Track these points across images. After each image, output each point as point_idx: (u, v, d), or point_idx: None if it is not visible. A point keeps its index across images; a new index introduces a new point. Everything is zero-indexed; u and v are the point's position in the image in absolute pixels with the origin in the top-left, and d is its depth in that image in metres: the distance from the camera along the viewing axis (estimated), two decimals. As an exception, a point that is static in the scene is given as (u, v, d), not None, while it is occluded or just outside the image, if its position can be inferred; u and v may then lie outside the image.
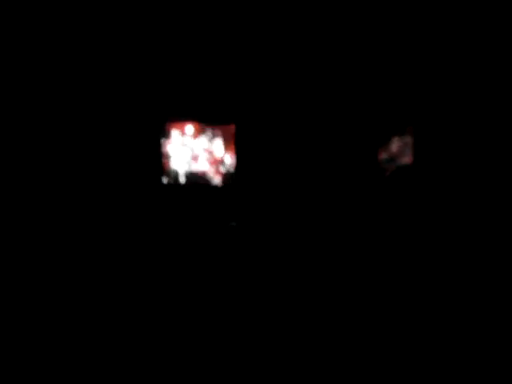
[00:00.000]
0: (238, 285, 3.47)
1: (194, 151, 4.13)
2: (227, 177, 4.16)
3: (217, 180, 4.17)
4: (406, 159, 4.02)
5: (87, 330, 2.69)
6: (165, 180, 4.12)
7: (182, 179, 4.14)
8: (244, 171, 4.19)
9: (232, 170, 4.15)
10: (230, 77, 4.08)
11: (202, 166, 4.16)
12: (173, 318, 2.90)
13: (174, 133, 4.10)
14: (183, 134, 4.11)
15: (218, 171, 4.16)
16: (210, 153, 4.14)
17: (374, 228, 4.09)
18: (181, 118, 4.12)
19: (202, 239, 3.99)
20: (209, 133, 4.10)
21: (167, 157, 4.12)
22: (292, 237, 4.05)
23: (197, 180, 4.15)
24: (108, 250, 3.75)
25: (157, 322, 2.82)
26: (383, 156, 4.23)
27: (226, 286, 3.47)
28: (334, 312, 3.02)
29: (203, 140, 4.11)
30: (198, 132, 4.10)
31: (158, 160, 4.10)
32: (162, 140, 4.10)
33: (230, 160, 4.15)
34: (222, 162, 4.15)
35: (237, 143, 4.15)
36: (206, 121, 4.13)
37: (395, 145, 4.14)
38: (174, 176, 4.14)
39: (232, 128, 4.14)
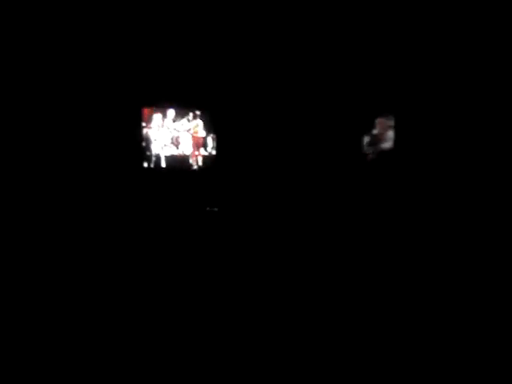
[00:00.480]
0: (219, 271, 3.48)
1: (175, 134, 4.15)
2: (209, 160, 4.21)
3: (198, 163, 4.21)
4: (388, 144, 4.10)
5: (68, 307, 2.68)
6: (145, 164, 4.11)
7: (163, 163, 4.15)
8: (225, 155, 4.24)
9: (213, 153, 4.20)
10: (207, 61, 4.08)
11: (184, 149, 4.19)
12: (152, 304, 2.88)
13: (155, 116, 4.09)
14: (164, 117, 4.11)
15: (199, 154, 4.21)
16: (192, 136, 4.17)
17: (357, 211, 4.16)
18: (159, 102, 4.10)
19: (182, 224, 4.01)
20: (190, 116, 4.13)
21: (148, 141, 4.11)
22: (273, 221, 4.14)
23: (178, 164, 4.17)
24: (88, 235, 3.71)
25: (136, 308, 2.80)
26: (365, 140, 4.30)
27: (207, 272, 3.49)
28: (319, 299, 2.98)
29: (185, 123, 4.13)
30: (180, 115, 4.12)
31: (138, 144, 4.09)
32: (142, 124, 4.07)
33: (211, 142, 4.20)
34: (203, 144, 4.20)
35: (216, 127, 4.20)
36: (185, 106, 4.14)
37: (377, 130, 4.22)
38: (155, 160, 4.14)
39: (212, 112, 4.18)
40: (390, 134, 4.15)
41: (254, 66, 4.14)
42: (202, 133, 4.16)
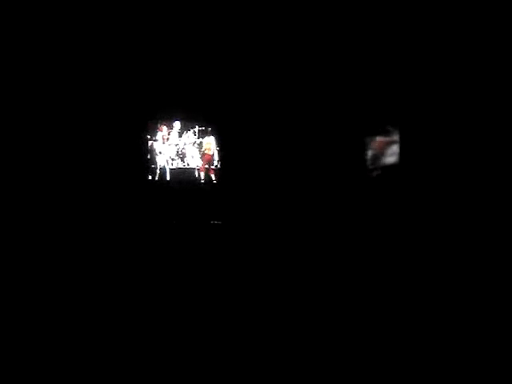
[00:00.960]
0: (223, 282, 3.47)
1: (180, 147, 4.14)
2: (214, 174, 4.19)
3: (204, 177, 4.19)
4: (392, 159, 4.08)
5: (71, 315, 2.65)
6: (150, 177, 4.09)
7: (168, 176, 4.13)
8: (230, 170, 4.23)
9: (218, 166, 4.19)
10: (214, 75, 4.10)
11: (189, 162, 4.17)
12: (156, 314, 2.88)
13: (161, 129, 4.09)
14: (170, 129, 4.11)
15: (205, 168, 4.19)
16: (198, 149, 4.17)
17: (361, 226, 4.11)
18: (165, 117, 4.11)
19: (186, 237, 3.97)
20: (196, 129, 4.13)
21: (152, 153, 4.10)
22: (278, 236, 4.10)
23: (183, 177, 4.15)
24: (92, 246, 3.66)
25: (140, 316, 2.81)
26: (369, 155, 4.29)
27: (211, 282, 3.46)
28: (322, 309, 3.01)
29: (191, 136, 4.13)
30: (186, 128, 4.12)
31: (143, 157, 4.07)
32: (148, 137, 4.07)
33: (217, 156, 4.19)
34: (210, 158, 4.18)
35: (221, 142, 4.20)
36: (191, 121, 4.15)
37: (381, 144, 4.20)
38: (160, 173, 4.11)
39: (216, 128, 4.19)
40: (395, 148, 4.14)
41: (261, 81, 4.17)
42: (208, 146, 4.15)
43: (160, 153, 4.11)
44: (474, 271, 3.26)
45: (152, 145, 4.08)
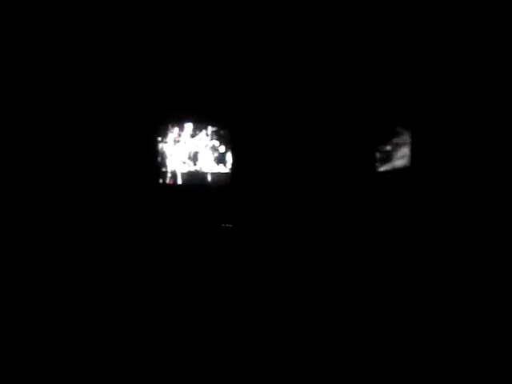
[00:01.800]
0: (234, 285, 3.43)
1: (192, 150, 4.01)
2: (226, 177, 4.08)
3: (215, 179, 4.07)
4: (403, 161, 4.05)
5: (83, 326, 2.60)
6: (162, 180, 3.95)
7: (180, 179, 4.00)
8: (241, 172, 4.13)
9: (230, 169, 4.08)
10: (225, 78, 4.01)
11: (201, 165, 4.05)
12: (167, 317, 2.85)
13: (172, 131, 3.96)
14: (182, 132, 3.98)
15: (217, 170, 4.07)
16: (210, 151, 4.05)
17: (371, 230, 4.10)
18: (177, 119, 3.98)
19: (198, 240, 3.87)
20: (208, 131, 4.01)
21: (165, 156, 3.96)
22: (288, 239, 4.05)
23: (195, 180, 4.03)
24: (104, 250, 3.54)
25: (152, 320, 2.78)
26: (380, 158, 4.26)
27: (222, 286, 3.41)
28: (331, 311, 3.03)
29: (203, 138, 4.01)
30: (198, 129, 4.00)
31: (154, 160, 3.93)
32: (159, 140, 3.93)
33: (229, 158, 4.08)
34: (222, 160, 4.07)
35: (233, 145, 4.09)
36: (202, 122, 4.02)
37: (392, 147, 4.18)
38: (171, 176, 3.98)
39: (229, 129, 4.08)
40: (405, 150, 4.14)
41: (274, 82, 4.10)
42: (221, 148, 4.04)
43: (171, 155, 3.97)
44: (481, 271, 3.31)
45: (162, 147, 3.94)
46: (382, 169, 4.30)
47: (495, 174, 3.57)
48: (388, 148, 4.26)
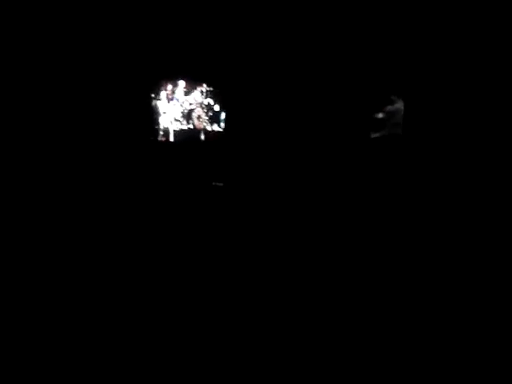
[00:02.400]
0: (224, 244, 3.42)
1: (186, 107, 3.92)
2: (219, 135, 4.02)
3: (208, 138, 4.01)
4: (396, 129, 4.07)
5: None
6: (154, 137, 3.87)
7: (172, 137, 3.92)
8: (234, 132, 4.07)
9: (224, 128, 4.01)
10: (219, 36, 3.88)
11: (194, 123, 3.97)
12: (156, 276, 2.84)
13: (166, 88, 3.85)
14: (175, 88, 3.87)
15: (210, 129, 4.00)
16: (204, 110, 3.97)
17: (363, 196, 4.13)
18: (170, 75, 3.86)
19: (189, 198, 3.84)
20: (203, 89, 3.92)
21: (157, 113, 3.86)
22: (278, 201, 4.05)
23: (187, 138, 3.96)
24: (95, 207, 3.50)
25: (140, 279, 2.77)
26: (373, 125, 4.23)
27: (212, 245, 3.40)
28: (319, 275, 3.03)
29: (197, 95, 3.92)
30: (192, 87, 3.90)
31: (147, 117, 3.83)
32: (152, 97, 3.82)
33: (223, 116, 4.00)
34: (216, 119, 3.99)
35: (226, 104, 4.01)
36: (196, 80, 3.92)
37: (385, 115, 4.17)
38: (163, 134, 3.90)
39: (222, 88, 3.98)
40: (399, 118, 4.14)
41: (266, 44, 4.00)
42: (215, 106, 3.96)
43: (164, 113, 3.88)
44: (473, 237, 3.38)
45: (155, 104, 3.84)
46: (374, 135, 4.30)
47: (485, 143, 3.64)
48: (381, 115, 4.26)
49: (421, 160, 4.01)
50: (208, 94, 3.91)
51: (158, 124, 3.88)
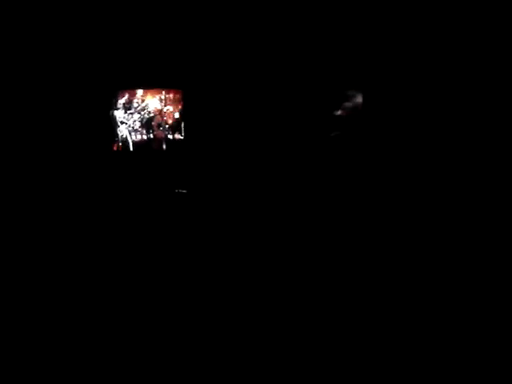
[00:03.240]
0: (188, 250, 3.37)
1: (144, 116, 3.81)
2: (179, 142, 3.93)
3: (168, 145, 3.91)
4: (355, 123, 4.09)
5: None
6: (113, 147, 3.72)
7: (132, 146, 3.80)
8: (194, 136, 4.00)
9: (184, 136, 3.93)
10: (178, 37, 3.81)
11: (154, 131, 3.86)
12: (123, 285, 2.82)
13: (122, 95, 3.72)
14: (132, 96, 3.75)
15: (169, 136, 3.91)
16: (163, 117, 3.86)
17: (323, 194, 4.10)
18: (126, 84, 3.74)
19: (151, 207, 3.75)
20: (162, 96, 3.82)
21: (115, 124, 3.72)
22: (242, 205, 4.02)
23: (147, 146, 3.84)
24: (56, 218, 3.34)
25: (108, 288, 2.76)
26: (331, 120, 4.21)
27: (176, 252, 3.35)
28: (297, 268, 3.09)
29: (156, 103, 3.81)
30: (150, 95, 3.79)
31: (106, 127, 3.68)
32: (110, 107, 3.68)
33: (183, 124, 3.92)
34: (175, 126, 3.90)
35: (185, 108, 3.93)
36: (154, 86, 3.81)
37: (343, 111, 4.16)
38: (122, 145, 3.77)
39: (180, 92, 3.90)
40: (358, 113, 4.17)
41: (224, 48, 3.96)
42: (174, 113, 3.87)
43: (121, 123, 3.74)
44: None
45: (112, 114, 3.70)
46: (334, 134, 4.34)
47: (450, 137, 3.76)
48: (339, 112, 4.30)
49: (383, 156, 4.09)
50: (167, 101, 3.81)
51: (116, 135, 3.74)
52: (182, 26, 3.72)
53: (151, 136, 3.82)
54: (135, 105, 3.76)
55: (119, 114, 3.73)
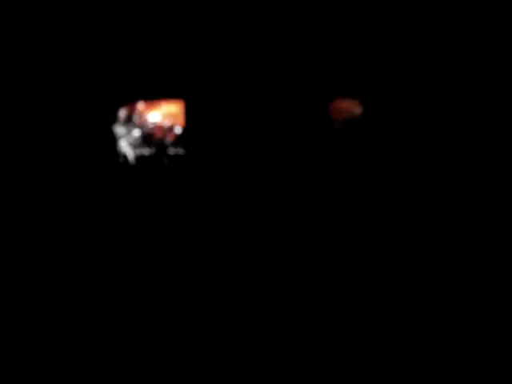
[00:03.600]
0: (191, 265, 3.34)
1: (145, 130, 3.74)
2: (179, 155, 3.88)
3: (170, 159, 3.85)
4: (357, 110, 3.93)
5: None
6: (115, 161, 3.64)
7: (133, 160, 3.72)
8: (195, 147, 3.95)
9: (183, 148, 3.88)
10: (179, 48, 3.78)
11: (154, 144, 3.80)
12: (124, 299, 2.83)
13: (123, 112, 3.65)
14: (132, 109, 3.69)
15: (170, 149, 3.85)
16: (163, 130, 3.80)
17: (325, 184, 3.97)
18: (127, 98, 3.69)
19: (152, 220, 3.67)
20: (162, 108, 3.76)
21: (116, 139, 3.65)
22: (246, 215, 3.99)
23: (149, 162, 3.77)
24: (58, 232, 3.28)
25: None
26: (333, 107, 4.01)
27: (178, 267, 3.31)
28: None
29: (156, 116, 3.75)
30: (150, 108, 3.73)
31: (106, 142, 3.60)
32: (110, 121, 3.61)
33: (183, 137, 3.86)
34: (175, 139, 3.85)
35: (187, 119, 3.89)
36: (155, 97, 3.77)
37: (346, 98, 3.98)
38: (124, 157, 3.70)
39: (182, 103, 3.86)
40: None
41: (231, 51, 3.95)
42: (175, 126, 3.82)
43: (121, 137, 3.67)
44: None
45: (112, 128, 3.62)
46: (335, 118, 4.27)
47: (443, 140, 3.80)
48: (338, 121, 4.29)
49: (382, 159, 4.08)
50: (168, 116, 3.76)
51: (117, 150, 3.65)
52: (183, 34, 3.71)
53: (152, 150, 3.76)
54: (135, 119, 3.70)
55: (119, 128, 3.67)
